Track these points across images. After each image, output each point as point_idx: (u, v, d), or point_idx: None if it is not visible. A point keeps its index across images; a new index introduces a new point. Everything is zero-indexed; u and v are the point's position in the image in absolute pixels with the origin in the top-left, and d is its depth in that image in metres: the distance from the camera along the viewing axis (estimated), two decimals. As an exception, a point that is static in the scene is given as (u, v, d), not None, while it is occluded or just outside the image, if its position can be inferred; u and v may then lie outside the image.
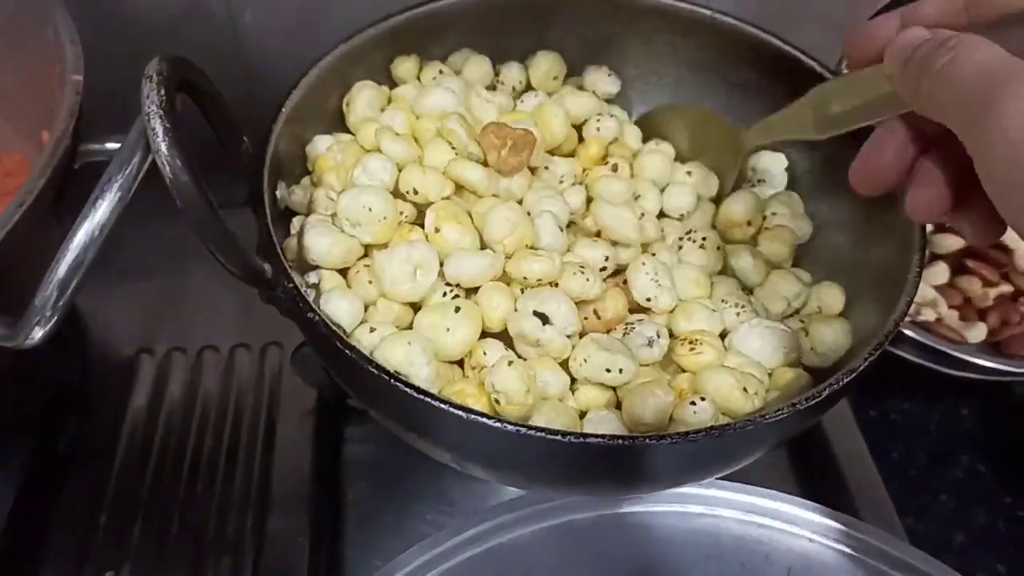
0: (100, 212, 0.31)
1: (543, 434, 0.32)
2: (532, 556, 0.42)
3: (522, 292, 0.41)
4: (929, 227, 0.66)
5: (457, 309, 0.38)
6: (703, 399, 0.36)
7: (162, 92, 0.31)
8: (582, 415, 0.39)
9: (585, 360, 0.38)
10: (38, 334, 0.32)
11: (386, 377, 0.33)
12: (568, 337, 0.39)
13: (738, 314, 0.43)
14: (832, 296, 0.45)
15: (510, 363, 0.36)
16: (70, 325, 0.58)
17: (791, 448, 0.55)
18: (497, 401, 0.36)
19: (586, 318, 0.41)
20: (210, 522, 0.50)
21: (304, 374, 0.52)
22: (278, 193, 0.42)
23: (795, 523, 0.43)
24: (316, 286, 0.40)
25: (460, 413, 0.32)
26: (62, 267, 0.31)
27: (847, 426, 0.55)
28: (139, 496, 0.51)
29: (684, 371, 0.41)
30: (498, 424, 0.32)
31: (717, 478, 0.43)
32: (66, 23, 0.45)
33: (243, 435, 0.54)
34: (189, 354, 0.57)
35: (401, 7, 0.50)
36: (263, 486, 0.52)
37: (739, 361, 0.40)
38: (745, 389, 0.37)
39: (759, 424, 0.33)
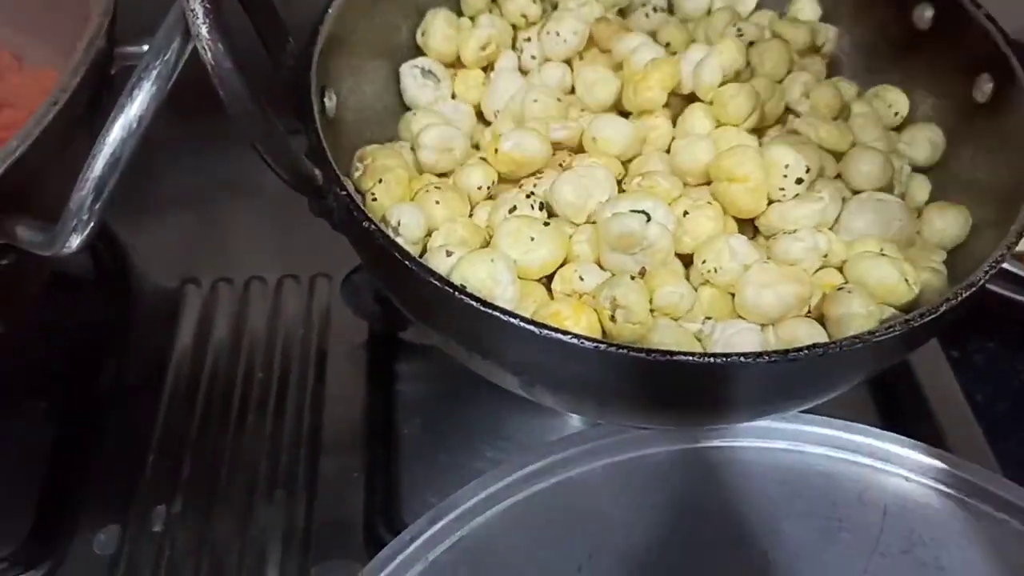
0: (137, 103, 0.28)
1: (625, 351, 0.29)
2: (602, 492, 0.39)
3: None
4: None
5: (546, 223, 0.35)
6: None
7: (201, -30, 0.28)
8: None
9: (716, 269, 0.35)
10: (75, 241, 0.30)
11: (450, 290, 0.30)
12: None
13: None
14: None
15: (633, 277, 0.33)
16: (112, 255, 0.56)
17: (875, 385, 0.51)
18: (613, 318, 0.33)
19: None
20: (262, 458, 0.48)
21: (354, 304, 0.50)
22: (327, 103, 0.39)
23: (890, 460, 0.39)
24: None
25: (534, 329, 0.29)
26: (98, 163, 0.28)
27: (935, 359, 0.51)
28: (188, 431, 0.49)
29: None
30: (575, 341, 0.29)
31: (803, 411, 0.39)
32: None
33: (293, 369, 0.52)
34: (236, 285, 0.55)
35: None
36: (315, 422, 0.50)
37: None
38: (907, 280, 0.34)
39: (869, 343, 0.29)
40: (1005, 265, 0.53)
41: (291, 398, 0.51)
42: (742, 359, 0.29)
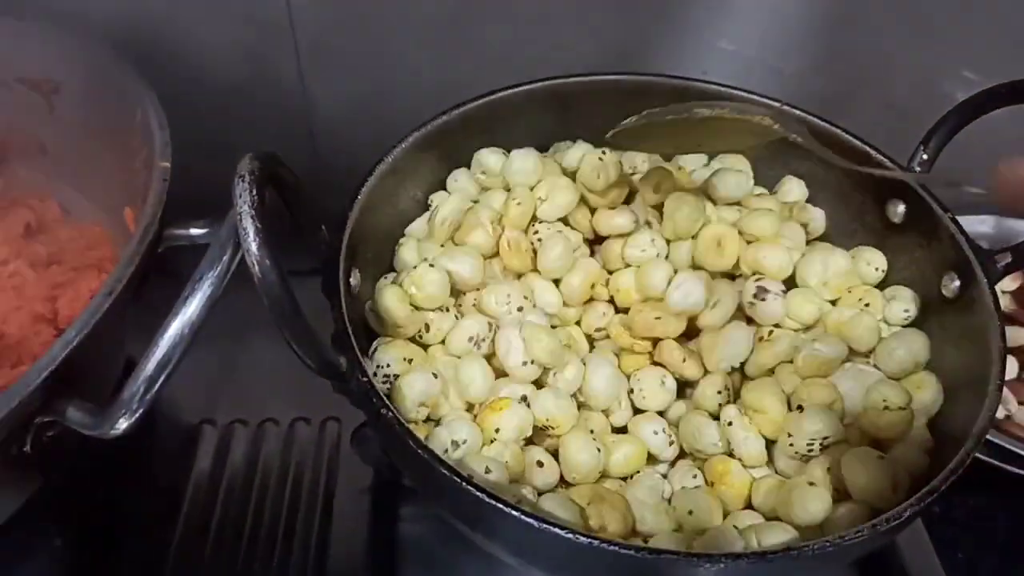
0: (191, 309, 0.32)
1: (616, 548, 0.31)
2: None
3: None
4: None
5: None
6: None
7: (254, 192, 0.32)
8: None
9: None
10: (123, 425, 0.33)
11: (458, 480, 0.33)
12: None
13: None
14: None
15: None
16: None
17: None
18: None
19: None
20: (267, 597, 0.50)
21: (363, 454, 0.53)
22: (352, 281, 0.43)
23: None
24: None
25: (532, 521, 0.32)
26: (151, 363, 0.32)
27: (915, 531, 0.54)
28: (199, 566, 0.51)
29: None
30: (571, 535, 0.31)
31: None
32: (155, 107, 0.46)
33: (301, 509, 0.54)
34: (250, 426, 0.58)
35: (467, 91, 0.51)
36: (319, 564, 0.52)
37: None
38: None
39: (839, 545, 0.32)
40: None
41: (298, 537, 0.53)
42: (723, 559, 0.31)
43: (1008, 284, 0.66)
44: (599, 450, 0.40)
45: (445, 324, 0.44)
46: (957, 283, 0.45)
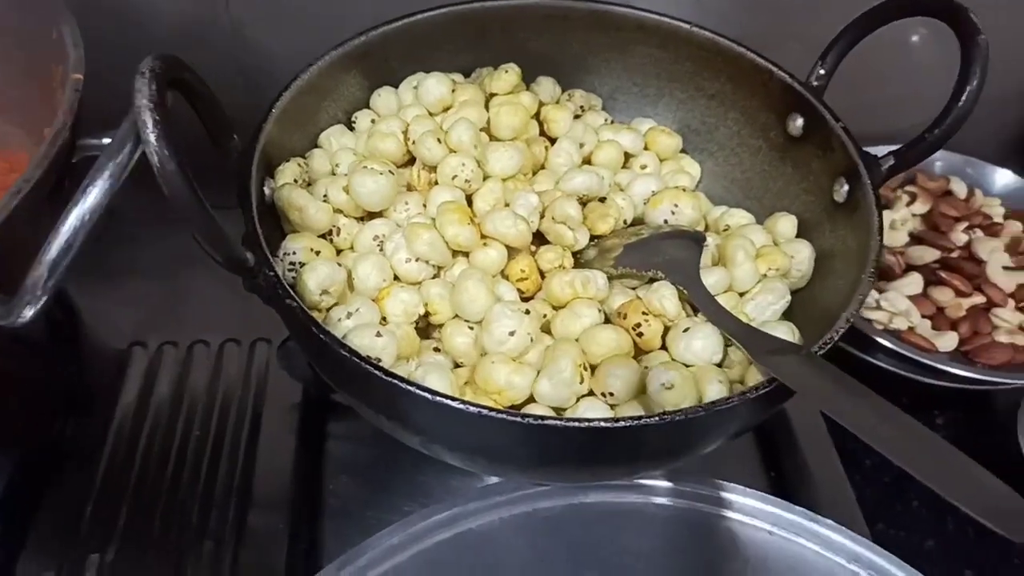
0: (91, 198, 0.33)
1: (504, 415, 0.33)
2: (501, 542, 0.43)
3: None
4: (904, 239, 0.68)
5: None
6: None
7: (153, 87, 0.33)
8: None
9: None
10: (28, 312, 0.34)
11: (356, 359, 0.35)
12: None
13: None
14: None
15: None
16: (66, 318, 0.60)
17: (762, 445, 0.56)
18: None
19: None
20: (194, 511, 0.51)
21: (290, 368, 0.54)
22: (265, 190, 0.44)
23: (756, 516, 0.44)
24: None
25: (425, 394, 0.34)
26: (53, 248, 0.33)
27: (815, 424, 0.57)
28: (126, 485, 0.52)
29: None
30: (460, 406, 0.33)
31: (681, 469, 0.44)
32: (70, 26, 0.47)
33: (229, 427, 0.56)
34: (180, 348, 0.59)
35: (392, 17, 0.52)
36: (246, 477, 0.53)
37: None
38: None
39: (711, 411, 0.34)
40: (884, 342, 0.60)
41: (225, 455, 0.55)
42: (602, 423, 0.34)
43: (918, 207, 0.70)
44: (471, 329, 0.42)
45: (354, 229, 0.45)
46: (846, 187, 0.47)
